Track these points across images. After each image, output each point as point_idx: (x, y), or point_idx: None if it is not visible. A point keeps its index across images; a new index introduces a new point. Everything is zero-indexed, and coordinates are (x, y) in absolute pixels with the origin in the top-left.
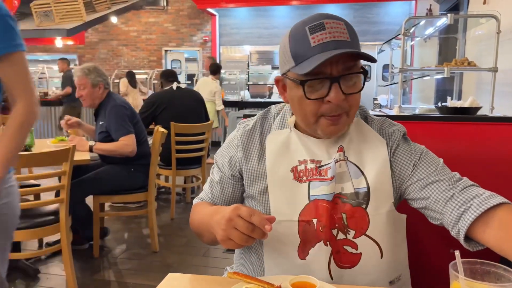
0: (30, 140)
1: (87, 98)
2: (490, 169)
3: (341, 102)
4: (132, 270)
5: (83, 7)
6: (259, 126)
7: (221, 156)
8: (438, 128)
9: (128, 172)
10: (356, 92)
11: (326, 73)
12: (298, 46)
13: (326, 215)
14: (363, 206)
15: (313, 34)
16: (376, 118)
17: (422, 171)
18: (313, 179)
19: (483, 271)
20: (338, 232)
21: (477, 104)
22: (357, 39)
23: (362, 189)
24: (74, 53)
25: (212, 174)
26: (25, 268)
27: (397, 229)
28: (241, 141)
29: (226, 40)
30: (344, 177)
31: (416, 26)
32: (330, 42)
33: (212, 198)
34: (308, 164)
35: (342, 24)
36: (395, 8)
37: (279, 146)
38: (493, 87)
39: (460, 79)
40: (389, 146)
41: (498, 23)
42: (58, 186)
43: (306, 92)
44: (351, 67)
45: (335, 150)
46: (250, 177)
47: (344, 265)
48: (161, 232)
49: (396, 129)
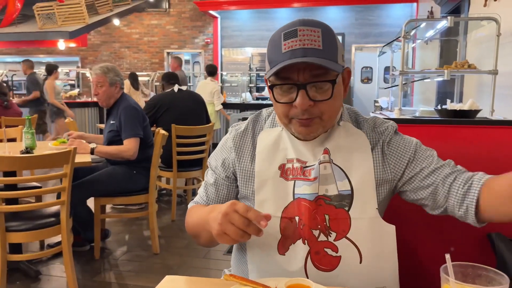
0: (31, 142)
1: (103, 96)
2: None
3: (308, 108)
4: (132, 272)
5: (85, 10)
6: (251, 128)
7: (214, 159)
8: (437, 131)
9: (130, 175)
10: (326, 100)
11: (294, 79)
12: (272, 51)
13: (306, 214)
14: (346, 208)
15: (285, 41)
16: (368, 118)
17: (422, 161)
18: (298, 178)
19: (474, 274)
20: (320, 233)
21: (477, 106)
22: (333, 47)
23: (346, 192)
24: (77, 55)
25: (207, 177)
26: (26, 270)
27: (382, 238)
28: (233, 142)
29: (228, 42)
30: (328, 179)
31: (416, 28)
32: (298, 50)
33: (207, 201)
34: (295, 163)
35: (318, 31)
36: (396, 11)
37: (269, 143)
38: (493, 89)
39: (461, 81)
40: (381, 140)
41: (498, 25)
42: (59, 188)
43: (275, 95)
44: (320, 74)
45: (320, 152)
46: (243, 178)
47: (323, 268)
48: (162, 234)
49: (389, 125)
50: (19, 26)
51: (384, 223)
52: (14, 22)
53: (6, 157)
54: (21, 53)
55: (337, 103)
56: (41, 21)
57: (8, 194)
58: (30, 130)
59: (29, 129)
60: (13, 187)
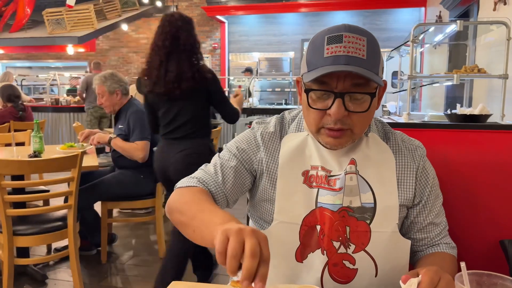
0: (39, 146)
1: (107, 105)
2: (500, 177)
3: (342, 118)
4: (139, 276)
5: (94, 15)
6: (278, 129)
7: (236, 146)
8: (447, 136)
9: (137, 179)
10: (362, 112)
11: (332, 87)
12: (313, 54)
13: (328, 224)
14: (367, 222)
15: (329, 45)
16: (395, 131)
17: (427, 209)
18: (322, 186)
19: (490, 283)
20: (340, 245)
21: (487, 111)
22: (376, 58)
23: (369, 204)
24: (85, 60)
25: (222, 159)
26: (33, 274)
27: (398, 252)
28: (262, 141)
29: (235, 47)
30: (353, 191)
31: (425, 32)
32: (341, 56)
33: (223, 185)
34: (319, 171)
35: (364, 40)
36: (404, 15)
37: (294, 147)
38: (503, 94)
39: (470, 86)
40: (416, 163)
41: (508, 29)
42: (66, 192)
43: (309, 100)
44: (360, 85)
45: (347, 162)
46: (269, 180)
47: (340, 280)
48: (169, 238)
49: (418, 146)
50: (29, 31)
51: (401, 238)
52: (23, 27)
53: (14, 161)
54: (31, 58)
55: (370, 116)
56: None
57: (15, 198)
58: (38, 134)
59: (37, 133)
60: (21, 191)
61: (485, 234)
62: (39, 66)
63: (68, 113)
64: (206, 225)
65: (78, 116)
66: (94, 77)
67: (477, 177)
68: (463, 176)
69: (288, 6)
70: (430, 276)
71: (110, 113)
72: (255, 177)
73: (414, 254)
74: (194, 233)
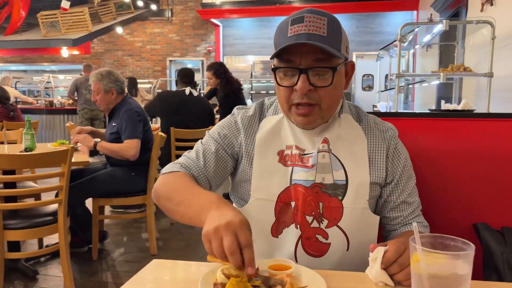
0: (31, 143)
1: (102, 102)
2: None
3: (308, 92)
4: (130, 272)
5: (89, 18)
6: (258, 113)
7: (218, 132)
8: (433, 125)
9: (129, 176)
10: (325, 86)
11: (296, 63)
12: (278, 36)
13: (301, 199)
14: (340, 198)
15: (292, 26)
16: (368, 114)
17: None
18: (296, 164)
19: (443, 245)
20: (313, 220)
21: (470, 107)
22: (337, 36)
23: (341, 182)
24: (80, 63)
25: (205, 145)
26: (24, 269)
27: (369, 228)
28: (242, 124)
29: (230, 50)
30: (326, 168)
31: (413, 32)
32: (303, 34)
33: (205, 170)
34: (293, 150)
35: (324, 20)
36: (397, 19)
37: (270, 129)
38: (489, 91)
39: (459, 85)
40: (386, 142)
41: (493, 29)
42: (56, 187)
43: (277, 79)
44: (322, 60)
45: (319, 141)
46: (247, 161)
47: (313, 253)
48: (161, 236)
49: (389, 127)
50: (24, 34)
51: (371, 214)
52: (18, 30)
53: (4, 155)
54: (25, 61)
55: (337, 93)
56: (45, 29)
57: (6, 192)
58: (30, 131)
59: (29, 130)
60: (12, 186)
61: (459, 217)
62: (34, 70)
63: (62, 115)
64: (192, 210)
65: (71, 118)
66: (91, 73)
67: (451, 163)
68: (438, 163)
69: (282, 10)
70: (396, 246)
71: (104, 111)
72: (237, 160)
73: (388, 233)
74: (182, 218)
